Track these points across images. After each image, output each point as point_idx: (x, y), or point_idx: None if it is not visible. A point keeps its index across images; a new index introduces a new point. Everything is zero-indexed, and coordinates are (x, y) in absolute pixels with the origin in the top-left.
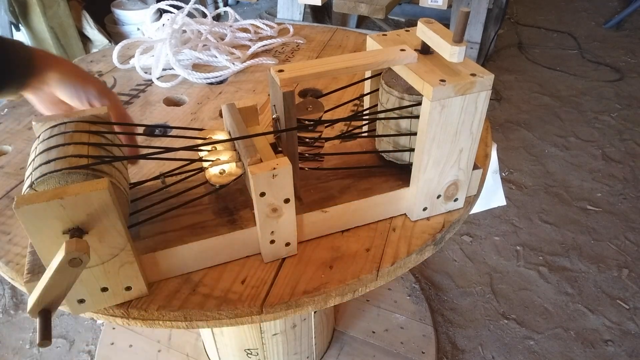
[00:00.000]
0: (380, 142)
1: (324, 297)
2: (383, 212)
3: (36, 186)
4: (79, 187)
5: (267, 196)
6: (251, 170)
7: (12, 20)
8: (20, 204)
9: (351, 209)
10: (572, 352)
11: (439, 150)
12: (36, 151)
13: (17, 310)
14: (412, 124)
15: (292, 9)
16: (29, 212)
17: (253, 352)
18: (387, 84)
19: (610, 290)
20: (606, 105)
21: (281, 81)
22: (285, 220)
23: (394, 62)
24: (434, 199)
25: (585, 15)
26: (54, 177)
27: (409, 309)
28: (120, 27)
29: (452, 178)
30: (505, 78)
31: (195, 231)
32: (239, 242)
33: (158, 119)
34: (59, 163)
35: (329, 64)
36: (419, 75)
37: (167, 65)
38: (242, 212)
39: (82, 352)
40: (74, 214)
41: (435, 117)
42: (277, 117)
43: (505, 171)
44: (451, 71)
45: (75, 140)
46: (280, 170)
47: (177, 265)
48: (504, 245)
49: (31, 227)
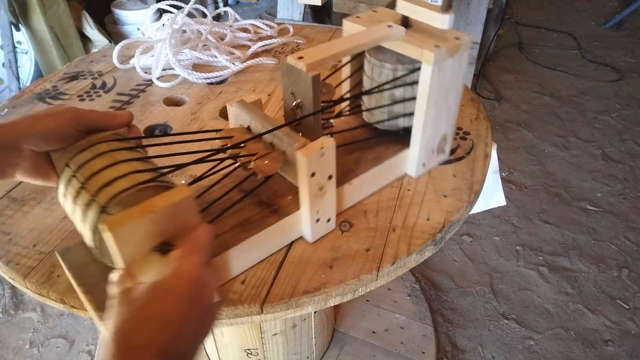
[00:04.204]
0: (372, 114)
1: (324, 297)
2: (391, 175)
3: (110, 209)
4: (166, 198)
5: (317, 176)
6: (303, 153)
7: (12, 20)
8: (114, 226)
9: (369, 177)
10: (572, 352)
11: (436, 110)
12: (74, 180)
13: (17, 310)
14: (405, 91)
15: (292, 9)
16: (124, 233)
17: (253, 352)
18: (378, 59)
19: (610, 290)
20: (606, 105)
21: (307, 67)
22: (329, 196)
23: (388, 37)
24: (430, 154)
25: (585, 15)
26: (125, 197)
27: (409, 309)
28: (120, 27)
29: (443, 132)
30: (505, 78)
31: (246, 227)
32: (285, 230)
33: (158, 119)
34: (122, 182)
35: (340, 45)
36: (414, 45)
37: (167, 65)
38: (279, 201)
39: (82, 352)
40: (163, 227)
41: (435, 80)
42: (299, 103)
43: (505, 171)
44: (439, 38)
45: (120, 158)
46: (327, 148)
47: (237, 267)
48: (504, 245)
49: (124, 249)
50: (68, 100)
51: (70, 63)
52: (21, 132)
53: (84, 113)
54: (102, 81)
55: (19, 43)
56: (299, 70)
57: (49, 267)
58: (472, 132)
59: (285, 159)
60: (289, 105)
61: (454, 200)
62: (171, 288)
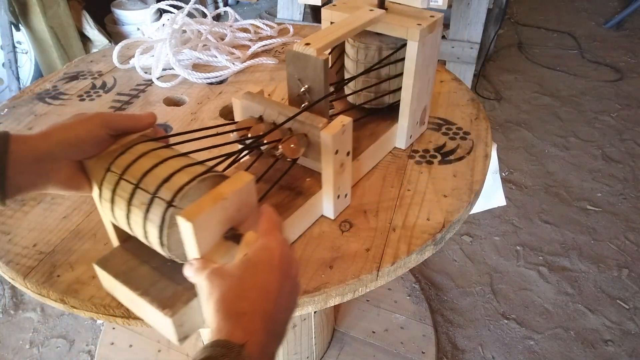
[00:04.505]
0: (359, 96)
1: (324, 297)
2: (385, 149)
3: (179, 203)
4: (232, 185)
5: (339, 153)
6: (328, 132)
7: (12, 20)
8: (192, 216)
9: (370, 153)
10: (572, 352)
11: (420, 83)
12: (124, 182)
13: (17, 310)
14: (390, 70)
15: (292, 9)
16: (201, 222)
17: None
18: (362, 42)
19: (610, 290)
20: (606, 105)
21: (317, 51)
22: (347, 172)
23: (376, 20)
24: (415, 126)
25: (585, 15)
26: (189, 190)
27: (409, 309)
28: (120, 27)
29: (424, 104)
30: (505, 78)
31: (279, 210)
32: (310, 210)
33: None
34: (181, 177)
35: (340, 29)
36: (399, 24)
37: (167, 65)
38: (299, 184)
39: (82, 352)
40: (231, 213)
41: (419, 55)
42: (307, 88)
43: (505, 171)
44: (417, 17)
45: (164, 156)
46: (347, 126)
47: None
48: (504, 245)
49: (202, 238)
50: (68, 101)
51: (70, 63)
52: (57, 141)
53: (112, 117)
54: (102, 81)
55: (19, 43)
56: (308, 56)
57: (49, 267)
58: (472, 132)
59: (307, 141)
60: (294, 92)
61: (454, 200)
62: (265, 260)
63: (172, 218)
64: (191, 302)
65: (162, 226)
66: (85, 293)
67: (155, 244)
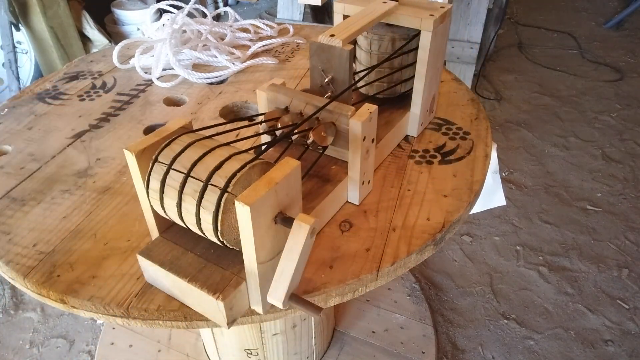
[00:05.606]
0: (372, 86)
1: (324, 297)
2: (398, 137)
3: (232, 189)
4: (281, 170)
5: (366, 139)
6: (357, 119)
7: (12, 20)
8: (250, 201)
9: (388, 139)
10: (572, 352)
11: (432, 71)
12: (173, 172)
13: (17, 310)
14: (403, 59)
15: (292, 9)
16: (258, 206)
17: (253, 352)
18: (376, 33)
19: (610, 290)
20: (606, 105)
21: (342, 42)
22: (371, 159)
23: (391, 11)
24: (426, 114)
25: (585, 15)
26: (241, 176)
27: (409, 309)
28: (120, 27)
29: (434, 92)
30: (505, 78)
31: (310, 198)
32: (338, 196)
33: (158, 119)
34: (232, 164)
35: (362, 19)
36: (414, 15)
37: (167, 65)
38: (325, 172)
39: (82, 352)
40: (281, 197)
41: (433, 45)
42: (331, 79)
43: (505, 171)
44: (428, 8)
45: (210, 145)
46: (374, 113)
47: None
48: (504, 245)
49: (257, 222)
50: (68, 101)
51: (70, 63)
52: None
53: None
54: (102, 81)
55: (19, 43)
56: (333, 47)
57: (49, 267)
58: (472, 132)
59: (335, 129)
60: (317, 83)
61: (454, 200)
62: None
63: (226, 203)
64: (240, 285)
65: (217, 212)
66: (85, 293)
67: (208, 230)
